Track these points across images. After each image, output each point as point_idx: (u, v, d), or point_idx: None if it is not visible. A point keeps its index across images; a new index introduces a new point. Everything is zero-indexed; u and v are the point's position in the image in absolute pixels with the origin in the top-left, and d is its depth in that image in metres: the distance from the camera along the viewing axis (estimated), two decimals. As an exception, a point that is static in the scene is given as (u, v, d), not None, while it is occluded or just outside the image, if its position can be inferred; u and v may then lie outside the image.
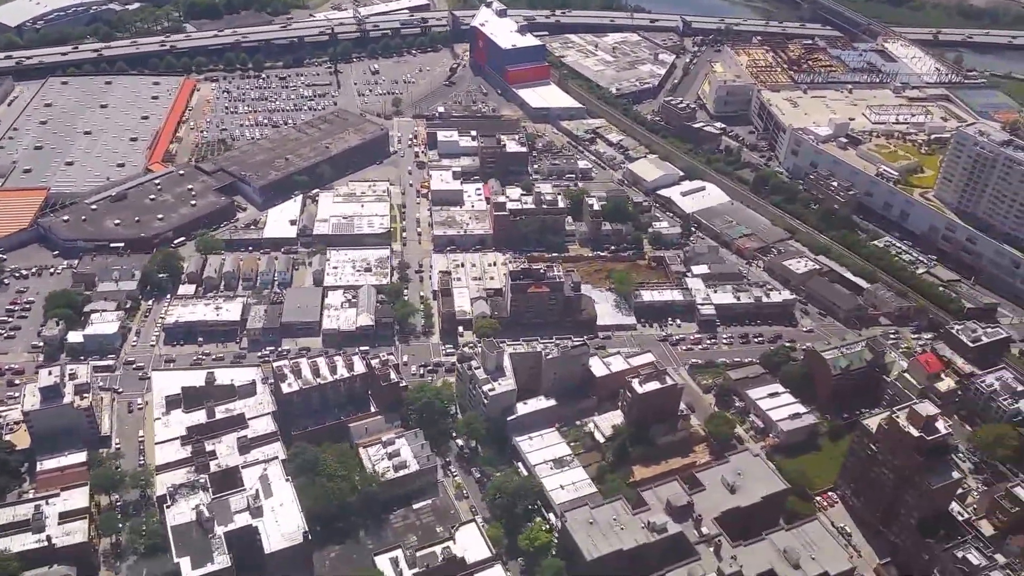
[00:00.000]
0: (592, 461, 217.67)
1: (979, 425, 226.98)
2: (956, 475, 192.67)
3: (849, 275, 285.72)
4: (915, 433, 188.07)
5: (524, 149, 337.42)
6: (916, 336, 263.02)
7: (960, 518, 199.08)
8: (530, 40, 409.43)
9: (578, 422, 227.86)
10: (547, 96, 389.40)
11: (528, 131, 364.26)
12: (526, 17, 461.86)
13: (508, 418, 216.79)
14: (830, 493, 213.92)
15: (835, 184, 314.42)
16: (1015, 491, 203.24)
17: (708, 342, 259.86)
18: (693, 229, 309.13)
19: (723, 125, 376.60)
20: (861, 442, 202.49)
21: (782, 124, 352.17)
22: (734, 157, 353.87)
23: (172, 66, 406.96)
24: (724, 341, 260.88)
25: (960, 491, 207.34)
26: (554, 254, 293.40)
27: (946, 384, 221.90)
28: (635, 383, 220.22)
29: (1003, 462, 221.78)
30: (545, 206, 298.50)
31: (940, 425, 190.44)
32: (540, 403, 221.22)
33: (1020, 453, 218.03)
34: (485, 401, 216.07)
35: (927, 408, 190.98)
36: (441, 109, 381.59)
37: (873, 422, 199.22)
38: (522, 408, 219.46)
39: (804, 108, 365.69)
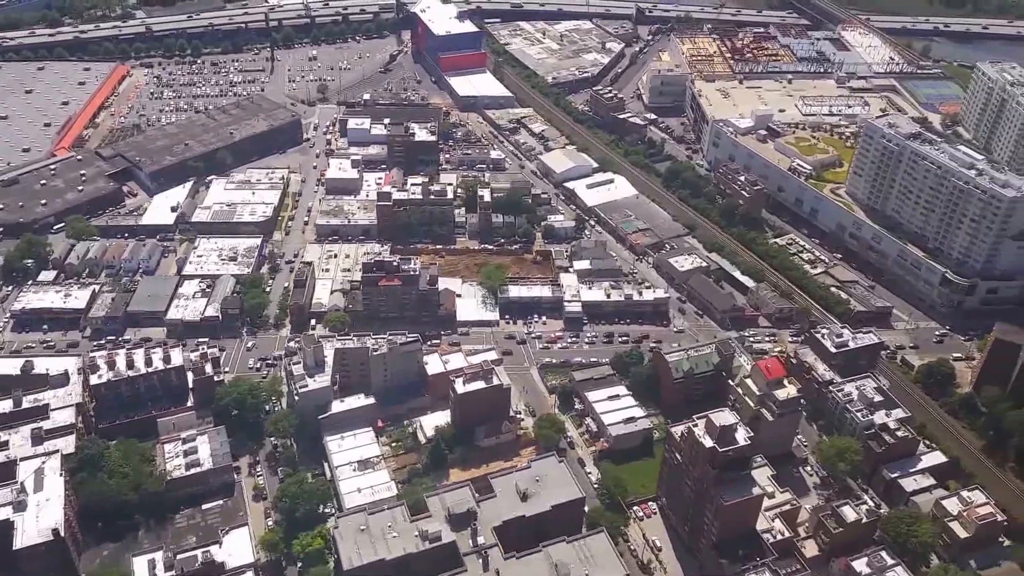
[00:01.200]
0: (409, 463, 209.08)
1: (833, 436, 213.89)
2: (756, 491, 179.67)
3: (737, 274, 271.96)
4: (708, 444, 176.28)
5: (433, 138, 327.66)
6: (794, 340, 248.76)
7: (780, 537, 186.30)
8: (467, 26, 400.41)
9: (406, 422, 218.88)
10: (478, 84, 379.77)
11: (451, 120, 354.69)
12: (480, 4, 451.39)
13: (320, 416, 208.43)
14: (650, 503, 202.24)
15: (742, 179, 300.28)
16: (842, 510, 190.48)
17: (570, 340, 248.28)
18: (592, 224, 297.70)
19: (653, 116, 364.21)
20: (669, 450, 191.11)
21: (707, 115, 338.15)
22: (656, 149, 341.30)
23: (111, 52, 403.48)
24: (587, 340, 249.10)
25: (789, 507, 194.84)
26: (439, 246, 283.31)
27: (786, 392, 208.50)
28: (458, 382, 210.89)
29: (852, 477, 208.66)
30: (433, 196, 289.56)
31: (740, 436, 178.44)
32: (358, 401, 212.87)
33: (872, 468, 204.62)
34: (296, 397, 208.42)
35: (724, 417, 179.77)
36: (367, 96, 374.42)
37: (680, 429, 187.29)
38: (338, 406, 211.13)
39: (735, 99, 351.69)
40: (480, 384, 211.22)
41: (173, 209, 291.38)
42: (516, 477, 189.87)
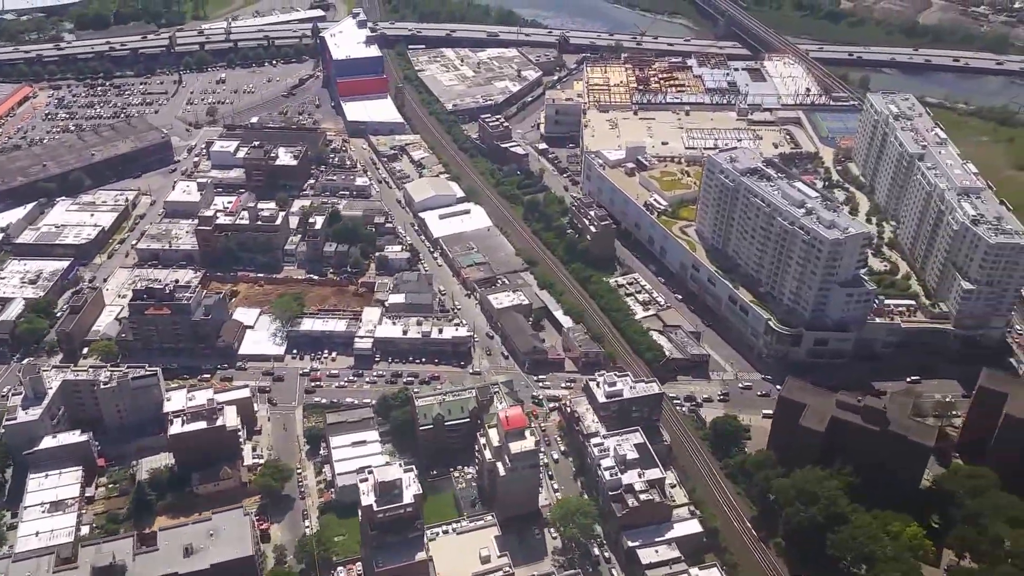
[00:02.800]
0: (118, 507, 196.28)
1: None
2: (420, 556, 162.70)
3: (559, 314, 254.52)
4: (366, 502, 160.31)
5: (295, 162, 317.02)
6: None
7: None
8: (370, 51, 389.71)
9: (134, 462, 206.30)
10: (372, 110, 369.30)
11: (332, 145, 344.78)
12: (411, 29, 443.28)
13: (24, 452, 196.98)
14: (359, 563, 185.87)
15: (592, 214, 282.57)
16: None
17: (347, 380, 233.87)
18: (434, 255, 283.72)
19: (544, 146, 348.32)
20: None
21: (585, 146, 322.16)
22: (533, 180, 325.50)
23: (24, 74, 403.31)
24: (368, 380, 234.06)
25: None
26: (260, 275, 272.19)
27: (521, 444, 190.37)
28: (176, 423, 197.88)
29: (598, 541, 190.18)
30: (260, 222, 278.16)
31: (408, 495, 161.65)
32: (70, 437, 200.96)
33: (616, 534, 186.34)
34: (1, 431, 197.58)
35: (388, 472, 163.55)
36: (255, 120, 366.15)
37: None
38: (48, 441, 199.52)
39: (623, 130, 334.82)
40: (201, 424, 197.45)
41: (2, 230, 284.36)
42: (189, 530, 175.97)
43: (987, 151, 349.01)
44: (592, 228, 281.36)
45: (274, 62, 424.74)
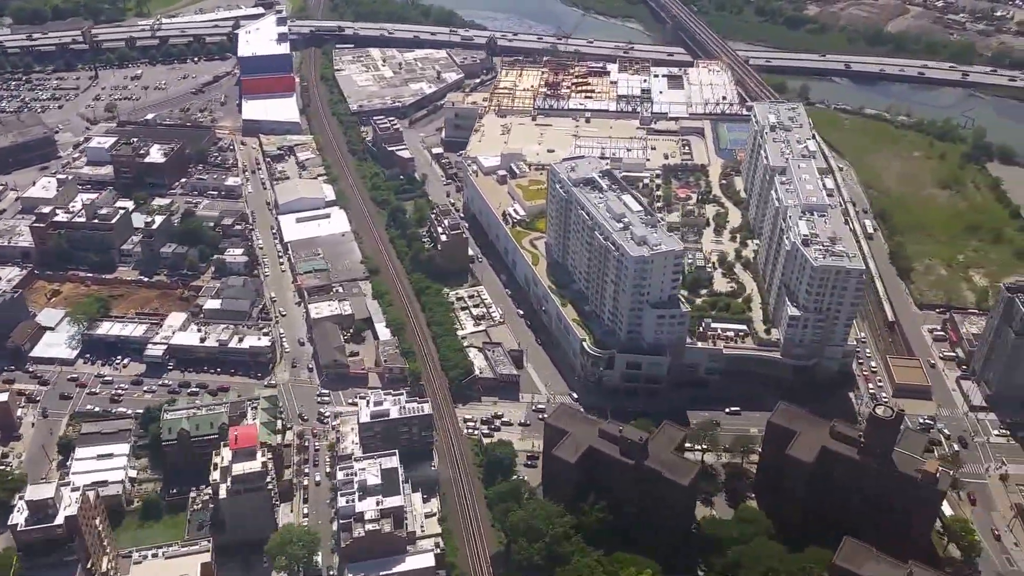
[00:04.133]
0: None
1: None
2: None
3: (380, 326, 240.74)
4: (14, 520, 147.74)
5: (163, 160, 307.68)
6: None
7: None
8: (279, 49, 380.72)
9: None
10: (271, 109, 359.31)
11: (223, 143, 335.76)
12: (342, 28, 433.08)
13: None
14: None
15: (445, 222, 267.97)
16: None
17: (125, 387, 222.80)
18: (281, 260, 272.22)
19: (439, 150, 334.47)
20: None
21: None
22: (414, 186, 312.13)
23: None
24: (151, 388, 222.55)
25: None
26: (89, 275, 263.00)
27: (244, 466, 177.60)
28: None
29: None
30: (96, 220, 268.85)
31: (62, 515, 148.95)
32: None
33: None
34: None
35: (40, 491, 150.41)
36: (150, 116, 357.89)
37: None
38: None
39: (515, 135, 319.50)
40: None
41: None
42: None
43: (915, 166, 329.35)
44: (443, 237, 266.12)
45: (196, 59, 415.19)
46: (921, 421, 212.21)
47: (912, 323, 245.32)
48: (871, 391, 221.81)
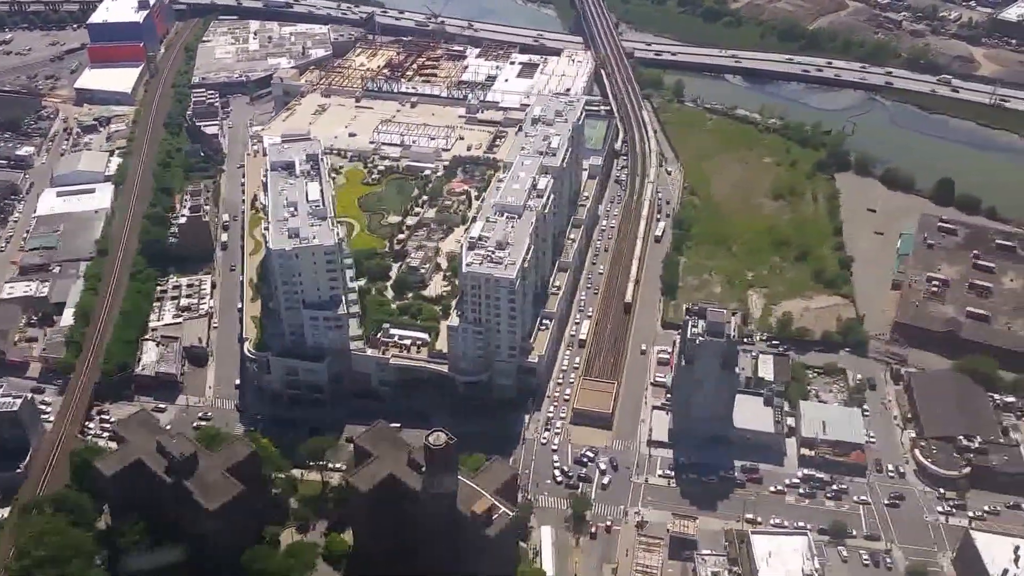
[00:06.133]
0: None
1: None
2: None
3: (69, 312, 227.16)
4: None
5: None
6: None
7: None
8: (130, 16, 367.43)
9: None
10: (109, 78, 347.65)
11: (45, 111, 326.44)
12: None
13: None
14: None
15: (188, 205, 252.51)
16: None
17: None
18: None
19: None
20: None
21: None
22: (209, 164, 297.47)
23: None
24: None
25: None
26: None
27: None
28: None
29: None
30: None
31: None
32: None
33: None
34: None
35: None
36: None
37: None
38: None
39: (327, 117, 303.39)
40: None
41: None
42: None
43: (757, 173, 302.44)
44: (180, 220, 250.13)
45: (77, 26, 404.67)
46: (581, 453, 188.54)
47: (645, 343, 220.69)
48: (549, 414, 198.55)
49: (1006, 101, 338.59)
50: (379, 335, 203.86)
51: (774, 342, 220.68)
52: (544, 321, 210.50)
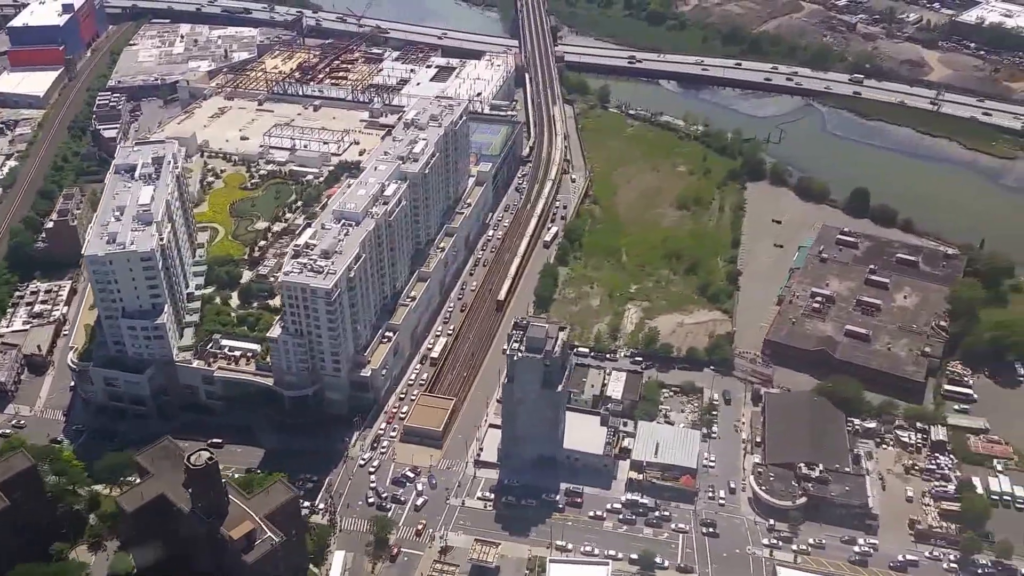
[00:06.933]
0: None
1: None
2: None
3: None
4: None
5: None
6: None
7: None
8: (52, 19, 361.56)
9: None
10: (23, 81, 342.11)
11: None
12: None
13: None
14: None
15: (55, 216, 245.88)
16: None
17: None
18: None
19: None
20: None
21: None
22: (102, 167, 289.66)
23: None
24: None
25: None
26: None
27: None
28: None
29: None
30: None
31: None
32: None
33: None
34: None
35: None
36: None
37: None
38: None
39: (224, 120, 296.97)
40: None
41: None
42: None
43: (666, 182, 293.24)
44: (48, 224, 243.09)
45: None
46: (401, 473, 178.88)
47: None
48: (380, 431, 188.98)
49: (936, 106, 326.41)
50: (209, 346, 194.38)
51: (637, 358, 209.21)
52: (388, 334, 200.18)
